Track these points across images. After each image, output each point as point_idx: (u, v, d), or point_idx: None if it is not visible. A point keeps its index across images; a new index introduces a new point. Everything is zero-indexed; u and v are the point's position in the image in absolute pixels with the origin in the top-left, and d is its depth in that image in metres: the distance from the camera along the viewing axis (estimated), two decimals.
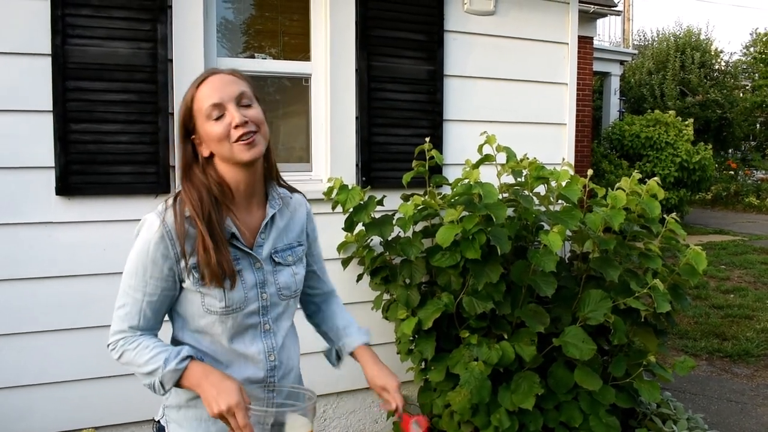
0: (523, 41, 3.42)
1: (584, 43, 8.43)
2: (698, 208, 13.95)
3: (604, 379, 2.76)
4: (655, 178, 2.78)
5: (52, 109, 2.46)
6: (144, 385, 1.27)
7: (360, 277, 2.95)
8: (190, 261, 1.28)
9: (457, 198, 2.69)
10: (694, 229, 10.57)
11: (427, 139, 2.84)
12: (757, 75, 17.23)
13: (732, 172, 15.82)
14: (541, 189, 2.98)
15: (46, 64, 2.45)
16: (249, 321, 1.35)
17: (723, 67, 15.45)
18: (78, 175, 2.51)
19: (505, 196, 2.88)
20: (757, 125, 17.94)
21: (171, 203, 1.30)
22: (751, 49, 17.62)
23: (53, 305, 2.52)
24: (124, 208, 2.60)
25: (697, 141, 10.26)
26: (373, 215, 2.75)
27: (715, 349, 4.77)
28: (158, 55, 2.60)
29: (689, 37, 14.56)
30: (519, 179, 2.83)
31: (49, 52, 2.44)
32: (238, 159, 1.29)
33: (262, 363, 1.38)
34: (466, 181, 2.69)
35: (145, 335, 1.30)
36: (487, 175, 2.86)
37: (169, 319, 1.40)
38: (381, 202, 2.85)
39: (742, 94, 16.67)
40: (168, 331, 1.40)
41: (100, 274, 2.57)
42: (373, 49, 3.03)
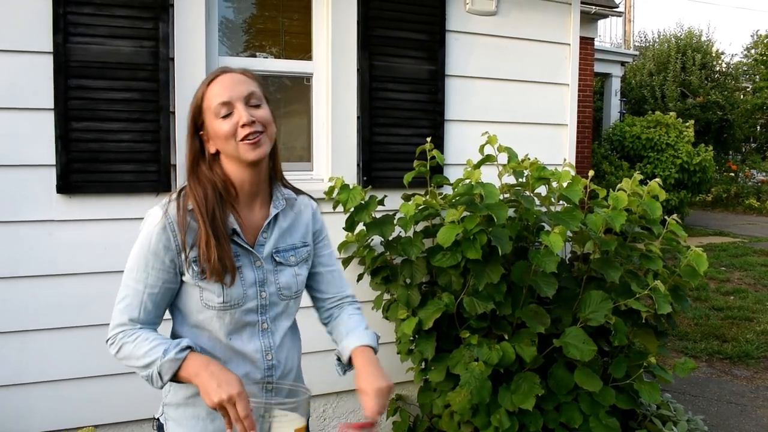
0: (525, 41, 3.41)
1: (585, 44, 8.43)
2: (698, 210, 13.96)
3: (604, 380, 2.76)
4: (657, 179, 2.78)
5: (53, 108, 2.46)
6: (142, 377, 1.26)
7: (360, 277, 2.95)
8: (190, 254, 1.29)
9: (458, 198, 2.69)
10: (694, 231, 10.58)
11: (429, 139, 2.84)
12: (757, 77, 17.26)
13: (732, 174, 15.83)
14: (542, 190, 2.98)
15: (48, 62, 2.45)
16: (247, 318, 1.36)
17: (724, 69, 15.47)
18: (79, 173, 2.51)
19: (506, 196, 2.88)
20: (758, 127, 17.96)
21: (175, 197, 1.32)
22: (752, 51, 17.64)
23: (53, 304, 2.52)
24: (125, 207, 2.59)
25: (697, 142, 10.27)
26: (374, 215, 2.75)
27: (715, 350, 4.77)
28: (160, 54, 2.59)
29: (690, 38, 14.58)
30: (520, 180, 2.83)
31: (51, 50, 2.44)
32: (243, 158, 1.30)
33: (260, 361, 1.38)
34: (468, 181, 2.69)
35: (145, 329, 1.30)
36: (489, 175, 2.86)
37: (170, 315, 1.40)
38: (382, 202, 2.85)
39: (742, 96, 16.69)
40: (169, 329, 1.40)
41: (101, 272, 2.56)
42: (375, 49, 3.03)
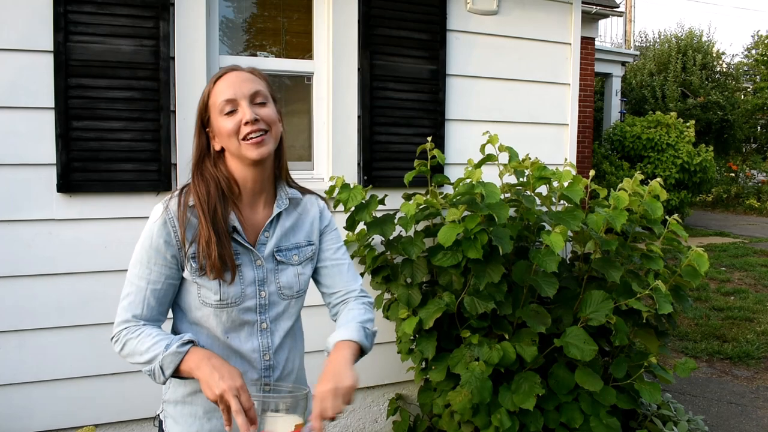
0: (526, 41, 3.41)
1: (586, 44, 8.42)
2: (699, 210, 13.96)
3: (604, 380, 2.76)
4: (658, 179, 2.77)
5: (53, 106, 2.46)
6: (145, 372, 1.26)
7: (361, 276, 2.94)
8: (189, 250, 1.29)
9: (459, 197, 2.68)
10: (694, 231, 10.58)
11: (429, 139, 2.84)
12: (758, 77, 17.26)
13: (733, 174, 15.83)
14: (543, 189, 2.97)
15: (48, 61, 2.45)
16: (245, 317, 1.35)
17: (724, 69, 15.47)
18: (79, 172, 2.50)
19: (507, 196, 2.87)
20: (758, 127, 17.97)
21: (177, 193, 1.33)
22: (753, 51, 17.65)
23: (53, 303, 2.52)
24: (126, 206, 2.59)
25: (698, 143, 10.27)
26: (374, 214, 2.75)
27: (716, 351, 4.76)
28: (161, 53, 2.59)
29: (691, 38, 14.58)
30: (521, 179, 2.83)
31: (51, 49, 2.44)
32: (245, 156, 1.31)
33: (257, 361, 1.38)
34: (468, 181, 2.69)
35: (149, 325, 1.30)
36: (489, 174, 2.86)
37: (171, 311, 1.40)
38: (382, 201, 2.85)
39: (743, 96, 16.69)
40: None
41: (101, 271, 2.56)
42: (376, 48, 3.03)
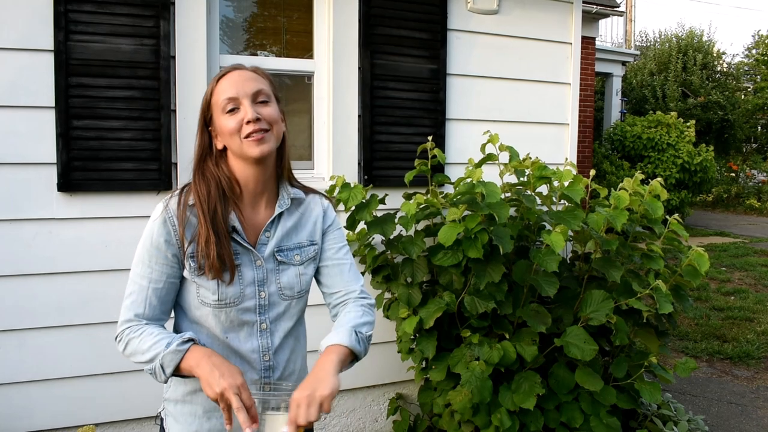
0: (526, 40, 3.41)
1: (586, 44, 8.42)
2: (699, 210, 13.96)
3: (605, 379, 2.75)
4: (659, 179, 2.77)
5: (54, 106, 2.46)
6: (147, 371, 1.26)
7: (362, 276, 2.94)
8: (188, 249, 1.29)
9: (459, 197, 2.68)
10: (694, 231, 10.58)
11: (430, 138, 2.83)
12: (759, 77, 17.25)
13: (733, 174, 15.83)
14: (544, 189, 2.97)
15: (49, 60, 2.45)
16: (244, 317, 1.35)
17: (725, 69, 15.46)
18: (80, 171, 2.50)
19: (508, 195, 2.87)
20: (759, 127, 17.96)
21: (178, 192, 1.33)
22: (753, 51, 17.63)
23: (54, 302, 2.52)
24: (126, 205, 2.59)
25: (698, 143, 10.27)
26: (375, 214, 2.75)
27: (716, 351, 4.76)
28: (161, 52, 2.59)
29: (691, 38, 14.57)
30: (521, 179, 2.82)
31: (52, 48, 2.44)
32: (246, 155, 1.30)
33: (256, 362, 1.38)
34: (469, 180, 2.69)
35: (151, 324, 1.30)
36: (490, 174, 2.86)
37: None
38: (383, 201, 2.85)
39: (743, 96, 16.69)
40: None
41: (101, 270, 2.57)
42: (376, 48, 3.03)
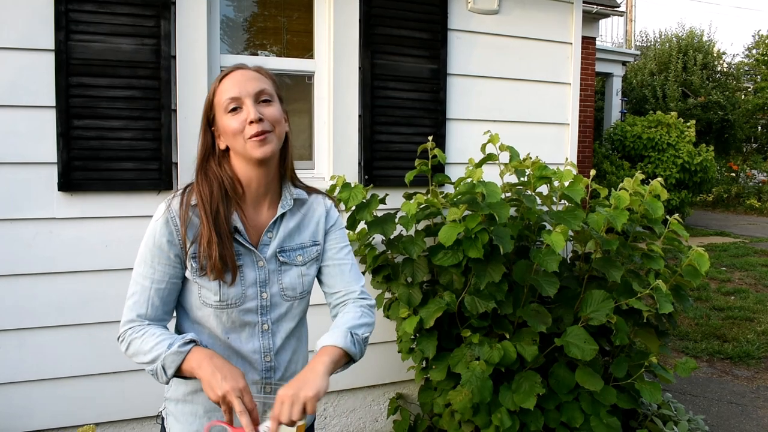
0: (527, 40, 3.41)
1: (587, 44, 8.42)
2: (699, 210, 13.96)
3: (605, 379, 2.75)
4: (659, 179, 2.77)
5: (54, 105, 2.46)
6: (149, 372, 1.26)
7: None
8: (190, 249, 1.29)
9: (459, 197, 2.68)
10: (695, 231, 10.58)
11: (430, 138, 2.83)
12: (759, 77, 17.25)
13: (733, 174, 15.82)
14: (544, 189, 2.97)
15: (49, 60, 2.45)
16: (246, 318, 1.35)
17: (725, 69, 15.45)
18: (80, 171, 2.50)
19: (508, 195, 2.87)
20: (759, 127, 17.95)
21: (180, 192, 1.33)
22: (754, 51, 17.63)
23: (54, 302, 2.52)
24: (126, 205, 2.59)
25: (698, 142, 10.27)
26: (375, 213, 2.75)
27: (716, 350, 4.76)
28: (162, 52, 2.59)
29: (691, 38, 14.56)
30: (522, 179, 2.82)
31: (52, 48, 2.44)
32: (249, 155, 1.30)
33: (258, 362, 1.37)
34: (469, 180, 2.69)
35: (153, 325, 1.30)
36: (490, 174, 2.86)
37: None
38: (383, 201, 2.85)
39: (744, 96, 16.68)
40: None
41: (102, 270, 2.57)
42: (377, 47, 3.03)
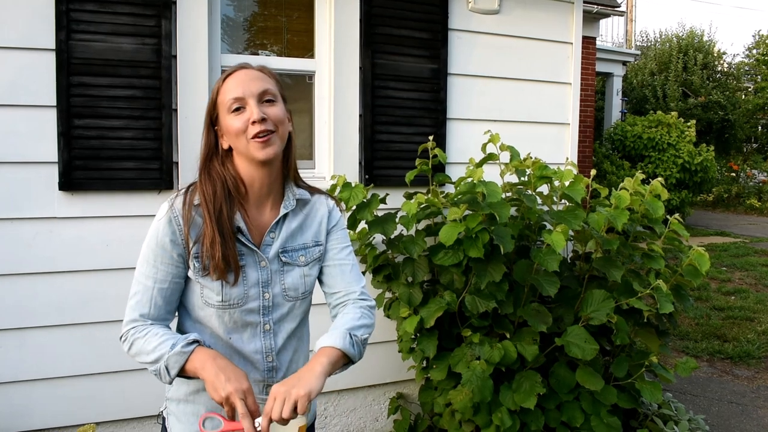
0: (527, 40, 3.41)
1: (587, 44, 8.41)
2: (699, 210, 13.96)
3: (605, 379, 2.76)
4: (659, 179, 2.77)
5: (55, 105, 2.46)
6: (152, 372, 1.26)
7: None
8: (192, 249, 1.29)
9: (460, 196, 2.69)
10: (695, 231, 10.57)
11: (431, 138, 2.84)
12: (759, 77, 17.23)
13: (734, 174, 15.82)
14: (545, 188, 2.97)
15: (50, 59, 2.45)
16: (248, 318, 1.35)
17: (725, 69, 15.44)
18: (81, 170, 2.50)
19: (509, 195, 2.87)
20: (759, 127, 17.94)
21: (183, 191, 1.33)
22: (754, 51, 17.61)
23: (54, 301, 2.52)
24: (127, 204, 2.59)
25: (699, 142, 10.26)
26: (375, 213, 2.75)
27: (716, 350, 4.77)
28: (162, 51, 2.59)
29: (692, 38, 14.55)
30: (522, 178, 2.83)
31: (53, 47, 2.44)
32: (252, 156, 1.30)
33: (259, 362, 1.37)
34: (470, 180, 2.69)
35: (156, 324, 1.30)
36: (491, 174, 2.86)
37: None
38: (384, 200, 2.85)
39: (744, 96, 16.67)
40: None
41: (102, 269, 2.57)
42: (377, 47, 3.03)
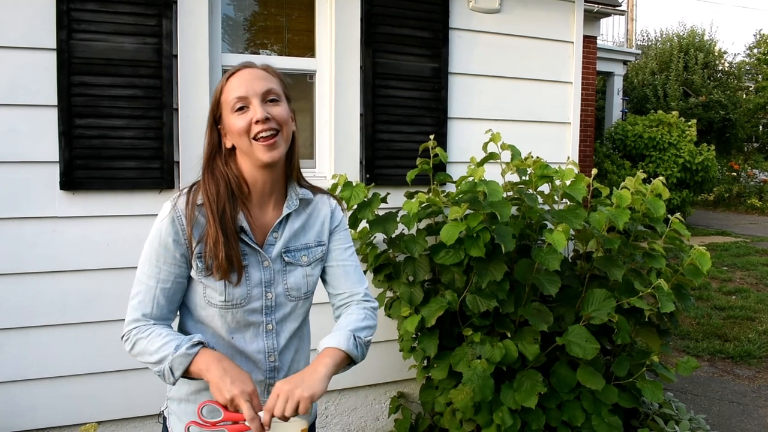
0: (528, 39, 3.41)
1: (588, 43, 8.41)
2: (700, 209, 13.95)
3: (606, 378, 2.75)
4: (660, 178, 2.77)
5: (56, 104, 2.46)
6: (155, 372, 1.26)
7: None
8: (195, 249, 1.29)
9: (461, 196, 2.68)
10: (696, 230, 10.57)
11: (432, 137, 2.83)
12: (760, 76, 17.22)
13: (734, 174, 15.80)
14: (546, 188, 2.97)
15: (51, 59, 2.45)
16: (250, 318, 1.35)
17: (726, 68, 15.42)
18: (82, 170, 2.51)
19: (510, 194, 2.87)
20: (760, 127, 17.92)
21: (186, 191, 1.32)
22: (755, 51, 17.60)
23: (56, 300, 2.52)
24: (128, 204, 2.60)
25: (700, 142, 10.26)
26: (376, 212, 2.75)
27: (717, 350, 4.76)
28: (163, 51, 2.59)
29: (693, 37, 14.54)
30: (523, 177, 2.82)
31: (54, 47, 2.44)
32: (256, 157, 1.29)
33: (261, 362, 1.37)
34: (471, 179, 2.68)
35: (159, 324, 1.30)
36: (492, 173, 2.85)
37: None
38: (385, 200, 2.84)
39: (745, 96, 16.65)
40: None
41: (104, 269, 2.57)
42: (378, 46, 3.03)
